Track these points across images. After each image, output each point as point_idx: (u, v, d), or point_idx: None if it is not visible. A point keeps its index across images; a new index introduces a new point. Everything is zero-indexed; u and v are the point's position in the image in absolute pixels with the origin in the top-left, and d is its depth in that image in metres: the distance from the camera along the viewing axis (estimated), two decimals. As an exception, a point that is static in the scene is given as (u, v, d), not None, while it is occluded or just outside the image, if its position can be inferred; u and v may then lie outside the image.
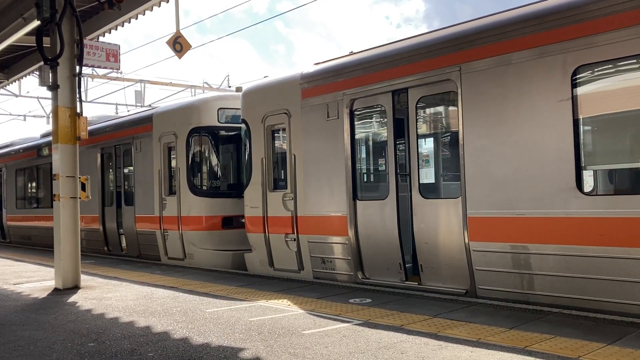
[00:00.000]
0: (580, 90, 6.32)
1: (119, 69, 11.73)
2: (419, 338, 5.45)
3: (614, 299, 6.00)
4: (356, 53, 9.27)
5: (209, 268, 11.42)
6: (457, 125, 7.41)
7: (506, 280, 6.87)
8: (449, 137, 9.00)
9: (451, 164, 8.64)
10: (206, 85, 26.98)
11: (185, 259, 12.24)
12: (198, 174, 12.42)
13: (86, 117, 9.68)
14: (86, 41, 10.26)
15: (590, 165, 6.51)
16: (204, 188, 12.30)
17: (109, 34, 12.16)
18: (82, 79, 10.32)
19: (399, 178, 8.24)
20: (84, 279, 9.97)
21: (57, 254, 9.43)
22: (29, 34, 11.72)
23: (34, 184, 19.61)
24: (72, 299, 8.41)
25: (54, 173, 9.53)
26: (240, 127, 11.00)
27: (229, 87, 26.87)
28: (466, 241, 7.21)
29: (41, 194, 18.79)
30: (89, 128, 9.94)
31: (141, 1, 10.85)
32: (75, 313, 7.31)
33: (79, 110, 9.58)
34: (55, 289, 9.32)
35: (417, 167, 7.89)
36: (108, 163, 14.97)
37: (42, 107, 26.92)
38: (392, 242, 8.16)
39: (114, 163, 14.74)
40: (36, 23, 10.11)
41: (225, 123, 12.24)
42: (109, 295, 8.54)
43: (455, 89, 7.37)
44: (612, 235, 5.97)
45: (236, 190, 11.82)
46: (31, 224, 19.12)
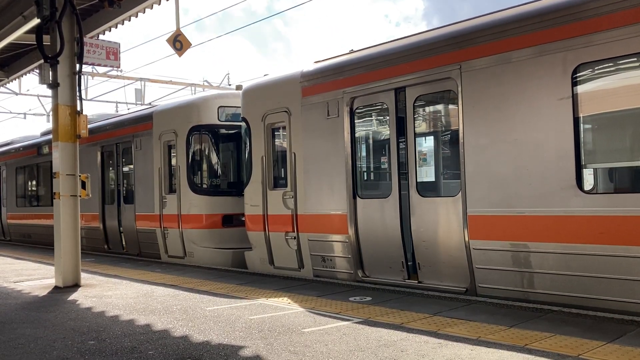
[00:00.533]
0: (580, 89, 6.32)
1: (119, 67, 11.75)
2: (419, 336, 5.45)
3: (614, 297, 6.01)
4: (356, 51, 9.27)
5: (209, 266, 11.42)
6: (457, 124, 7.41)
7: (506, 279, 6.88)
8: (448, 136, 8.99)
9: (451, 162, 8.64)
10: (206, 83, 27.02)
11: (185, 257, 12.25)
12: (198, 172, 12.42)
13: (86, 115, 9.70)
14: (86, 39, 10.27)
15: (590, 163, 6.51)
16: (204, 186, 12.30)
17: (109, 32, 12.17)
18: (82, 77, 10.33)
19: (401, 176, 8.24)
20: (84, 277, 9.98)
21: (58, 252, 9.44)
22: (29, 32, 11.71)
23: (34, 182, 19.62)
24: (73, 297, 8.42)
25: (54, 171, 9.54)
26: (241, 126, 11.00)
27: (229, 85, 26.91)
28: (466, 239, 7.21)
29: (41, 192, 18.80)
30: (89, 126, 9.96)
31: (141, -1, 10.85)
32: (75, 311, 7.32)
33: (79, 109, 9.60)
34: (56, 287, 9.33)
35: (415, 165, 7.90)
36: (108, 161, 14.98)
37: (42, 105, 27.01)
38: (395, 240, 8.16)
39: (114, 161, 14.74)
40: (36, 21, 10.10)
41: (226, 121, 12.24)
42: (109, 293, 8.54)
43: (455, 87, 7.37)
44: (612, 233, 5.97)
45: (236, 189, 11.84)
46: (31, 222, 19.12)
